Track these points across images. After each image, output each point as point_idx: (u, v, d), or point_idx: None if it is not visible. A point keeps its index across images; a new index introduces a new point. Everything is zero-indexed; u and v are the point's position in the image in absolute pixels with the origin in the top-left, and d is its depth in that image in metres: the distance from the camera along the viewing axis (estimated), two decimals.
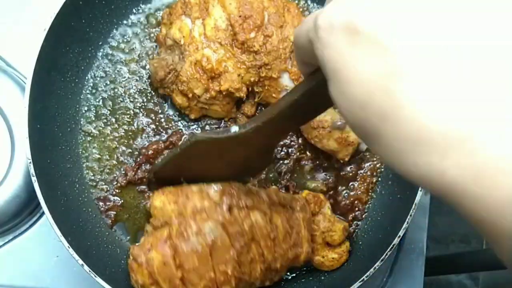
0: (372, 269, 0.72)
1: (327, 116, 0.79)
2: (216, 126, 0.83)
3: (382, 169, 0.84)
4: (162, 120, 0.83)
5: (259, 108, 0.83)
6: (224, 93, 0.76)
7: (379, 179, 0.84)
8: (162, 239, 0.64)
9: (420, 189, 0.73)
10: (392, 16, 0.32)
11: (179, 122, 0.83)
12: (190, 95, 0.77)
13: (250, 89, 0.79)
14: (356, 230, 0.83)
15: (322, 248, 0.78)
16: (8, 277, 0.84)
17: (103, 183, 0.81)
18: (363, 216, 0.83)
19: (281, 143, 0.83)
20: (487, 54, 0.30)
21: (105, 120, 0.82)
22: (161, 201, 0.65)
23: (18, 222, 0.84)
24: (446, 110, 0.30)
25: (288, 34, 0.75)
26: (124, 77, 0.83)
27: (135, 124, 0.82)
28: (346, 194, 0.83)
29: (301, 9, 0.81)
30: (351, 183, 0.84)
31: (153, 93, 0.83)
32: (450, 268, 1.24)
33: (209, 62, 0.74)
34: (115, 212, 0.81)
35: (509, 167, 0.28)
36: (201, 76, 0.75)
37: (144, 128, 0.82)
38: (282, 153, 0.83)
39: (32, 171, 0.70)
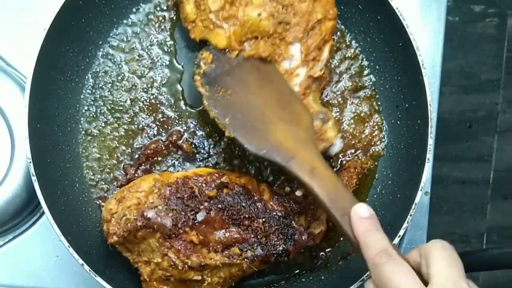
0: None
1: (315, 105, 0.78)
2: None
3: (380, 172, 0.84)
4: (162, 119, 0.83)
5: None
6: (239, 20, 0.73)
7: (378, 178, 0.84)
8: None
9: (420, 189, 0.73)
10: None
11: (179, 122, 0.83)
12: (203, 7, 0.74)
13: (259, 38, 0.75)
14: None
15: None
16: (8, 277, 0.84)
17: (103, 183, 0.81)
18: None
19: None
20: None
21: (105, 120, 0.82)
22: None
23: (18, 222, 0.84)
24: None
25: (316, 12, 0.74)
26: (124, 77, 0.83)
27: (135, 124, 0.82)
28: None
29: None
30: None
31: (153, 93, 0.83)
32: None
33: None
34: None
35: None
36: None
37: (144, 127, 0.82)
38: None
39: (32, 171, 0.70)
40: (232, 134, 0.70)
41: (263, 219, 0.73)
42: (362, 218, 0.58)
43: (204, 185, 0.72)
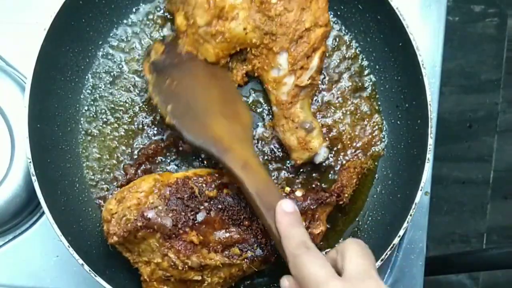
0: None
1: (302, 114, 0.79)
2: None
3: (380, 172, 0.84)
4: (162, 119, 0.83)
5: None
6: (225, 37, 0.76)
7: (378, 178, 0.84)
8: None
9: (420, 189, 0.73)
10: None
11: None
12: (191, 21, 0.76)
13: (248, 48, 0.78)
14: (356, 230, 0.83)
15: None
16: (8, 277, 0.84)
17: (103, 183, 0.81)
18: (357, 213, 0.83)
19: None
20: None
21: (105, 120, 0.82)
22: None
23: (18, 222, 0.84)
24: None
25: (305, 19, 0.75)
26: (125, 77, 0.83)
27: (135, 124, 0.82)
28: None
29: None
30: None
31: None
32: (450, 268, 1.24)
33: (224, 1, 0.74)
34: None
35: None
36: (210, 8, 0.74)
37: (144, 127, 0.82)
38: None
39: (32, 171, 0.70)
40: (172, 122, 0.72)
41: None
42: (286, 212, 0.60)
43: (204, 185, 0.72)
